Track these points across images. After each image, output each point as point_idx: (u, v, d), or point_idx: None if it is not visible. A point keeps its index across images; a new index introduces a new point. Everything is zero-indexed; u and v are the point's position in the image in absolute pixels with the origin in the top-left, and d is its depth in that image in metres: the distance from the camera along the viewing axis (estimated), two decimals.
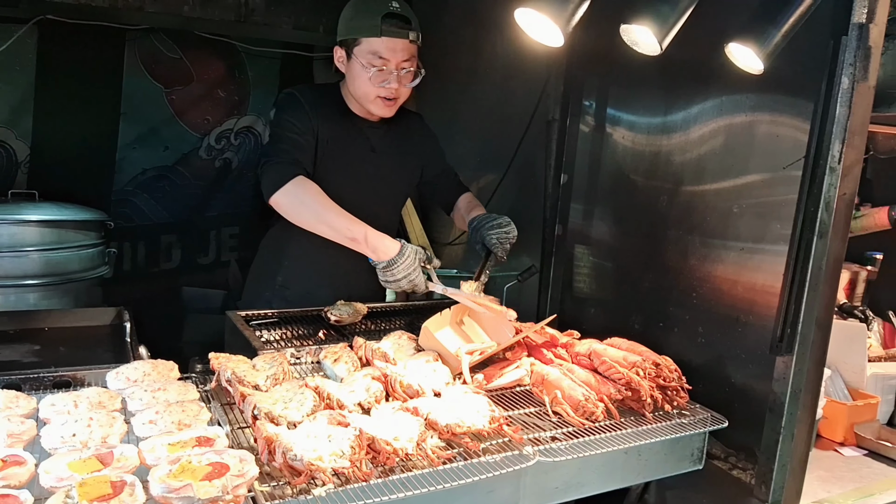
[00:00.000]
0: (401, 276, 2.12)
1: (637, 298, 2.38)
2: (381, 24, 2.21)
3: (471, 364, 1.95)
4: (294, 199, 2.20)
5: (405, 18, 2.25)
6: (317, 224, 2.20)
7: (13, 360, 2.08)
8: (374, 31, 2.22)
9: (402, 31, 2.24)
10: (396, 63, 2.28)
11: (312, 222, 2.21)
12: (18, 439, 1.46)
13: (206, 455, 1.37)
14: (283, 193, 2.18)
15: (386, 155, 2.52)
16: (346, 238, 2.17)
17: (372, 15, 2.22)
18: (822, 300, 1.78)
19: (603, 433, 1.71)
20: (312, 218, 2.20)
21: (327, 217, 2.18)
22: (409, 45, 2.28)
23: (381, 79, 2.29)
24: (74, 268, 3.37)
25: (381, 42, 2.23)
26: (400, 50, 2.26)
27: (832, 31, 1.65)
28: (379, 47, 2.24)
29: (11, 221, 3.19)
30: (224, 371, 1.78)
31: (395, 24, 2.22)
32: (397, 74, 2.29)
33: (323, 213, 2.18)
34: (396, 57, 2.27)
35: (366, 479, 1.42)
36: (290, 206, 2.21)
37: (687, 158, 2.18)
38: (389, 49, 2.25)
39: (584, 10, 1.66)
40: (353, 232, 2.15)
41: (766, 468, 1.85)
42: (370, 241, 2.14)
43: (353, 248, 2.18)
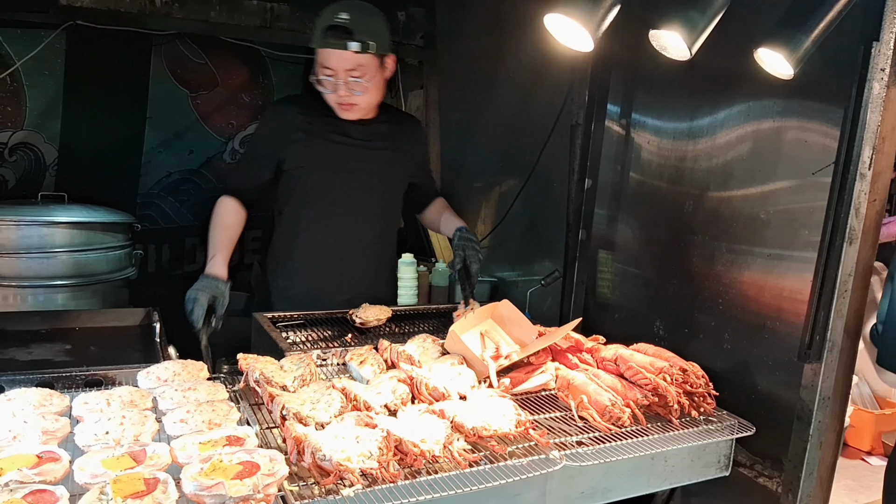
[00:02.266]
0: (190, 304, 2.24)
1: (661, 304, 2.37)
2: (322, 35, 2.27)
3: (497, 369, 1.95)
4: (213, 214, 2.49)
5: (347, 30, 2.26)
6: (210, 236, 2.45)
7: (45, 359, 2.11)
8: (319, 42, 2.29)
9: (342, 43, 2.26)
10: (342, 73, 2.32)
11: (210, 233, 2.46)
12: (53, 436, 1.49)
13: (237, 454, 1.39)
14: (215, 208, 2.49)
15: (374, 150, 2.56)
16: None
17: (320, 25, 2.29)
18: (851, 307, 1.77)
19: (629, 438, 1.71)
20: (210, 231, 2.46)
21: (210, 234, 2.44)
22: (354, 56, 2.30)
23: (329, 87, 2.36)
24: (102, 269, 3.41)
25: (324, 53, 2.30)
26: (342, 60, 2.30)
27: (862, 37, 1.64)
28: (323, 58, 2.31)
29: (41, 223, 3.24)
30: (252, 372, 1.80)
31: (336, 35, 2.26)
32: (344, 84, 2.34)
33: (210, 231, 2.44)
34: (340, 67, 2.31)
35: (393, 481, 1.43)
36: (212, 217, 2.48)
37: (713, 164, 2.17)
38: (330, 59, 2.30)
39: (614, 16, 1.66)
40: (208, 253, 2.39)
41: (793, 476, 1.84)
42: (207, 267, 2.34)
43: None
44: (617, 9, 1.66)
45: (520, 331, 2.19)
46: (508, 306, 2.24)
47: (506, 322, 2.22)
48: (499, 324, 2.23)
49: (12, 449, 1.40)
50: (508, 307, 2.24)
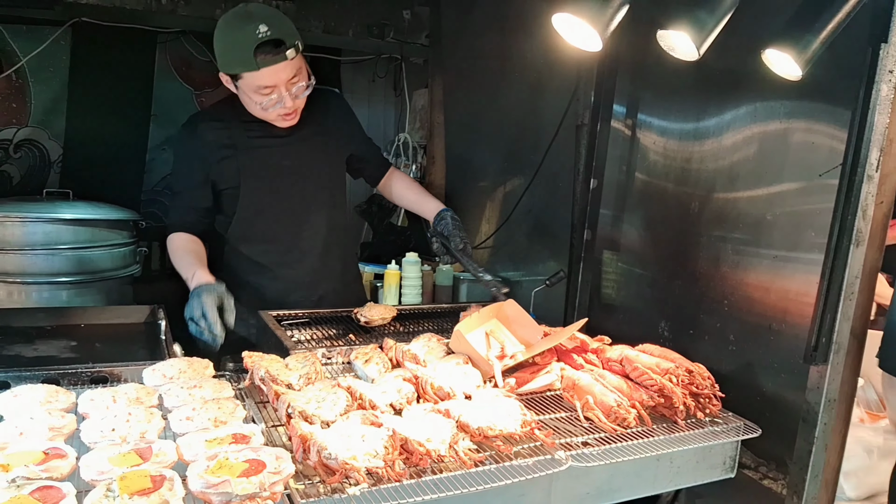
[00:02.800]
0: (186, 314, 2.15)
1: (666, 305, 2.37)
2: (254, 58, 2.11)
3: (503, 369, 1.95)
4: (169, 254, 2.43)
5: (276, 42, 2.13)
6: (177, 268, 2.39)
7: (51, 356, 2.12)
8: (251, 66, 2.13)
9: (278, 58, 2.14)
10: (284, 84, 2.22)
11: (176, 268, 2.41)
12: (59, 433, 1.49)
13: (243, 452, 1.39)
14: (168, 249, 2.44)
15: (304, 140, 2.47)
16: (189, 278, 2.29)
17: (243, 49, 2.12)
18: (857, 309, 1.76)
19: (635, 439, 1.70)
20: (175, 265, 2.40)
21: (177, 265, 2.38)
22: (291, 63, 2.18)
23: (273, 104, 2.25)
24: (107, 266, 3.42)
25: (261, 74, 2.16)
26: (281, 72, 2.18)
27: (871, 38, 1.64)
28: (259, 80, 2.18)
29: (46, 220, 3.24)
30: (258, 370, 1.80)
31: (269, 51, 2.12)
32: (289, 94, 2.25)
33: (175, 262, 2.39)
34: (281, 80, 2.20)
35: (398, 480, 1.43)
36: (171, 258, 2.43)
37: (719, 165, 2.17)
38: (272, 76, 2.18)
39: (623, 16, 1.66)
40: (186, 275, 2.30)
41: (798, 478, 1.83)
42: (196, 278, 2.23)
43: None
44: (626, 9, 1.66)
45: (525, 331, 2.19)
46: (514, 306, 2.24)
47: (511, 322, 2.22)
48: (504, 324, 2.23)
49: (19, 445, 1.40)
50: (514, 307, 2.24)
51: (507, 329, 2.22)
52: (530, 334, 2.17)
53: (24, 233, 3.22)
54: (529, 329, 2.19)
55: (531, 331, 2.18)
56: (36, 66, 3.90)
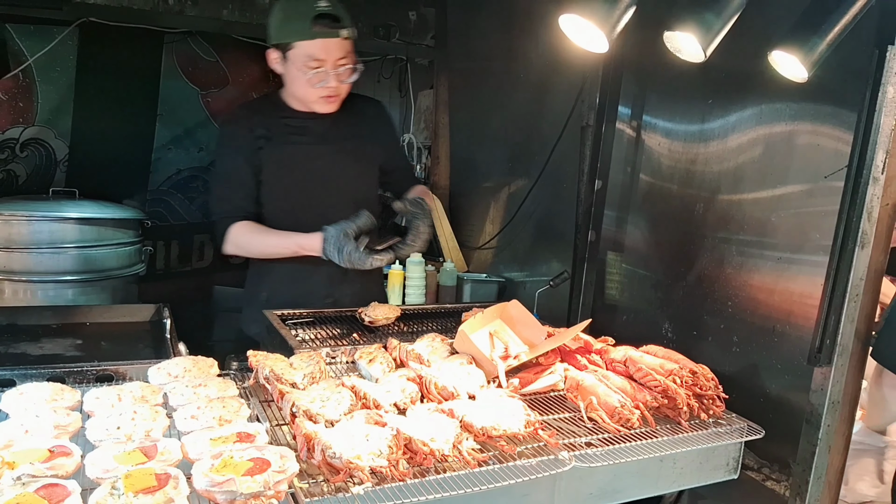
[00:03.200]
0: (335, 255, 2.23)
1: (670, 306, 2.37)
2: (311, 26, 2.19)
3: (506, 369, 1.96)
4: (239, 247, 2.43)
5: (335, 17, 2.22)
6: (264, 256, 2.46)
7: (56, 354, 2.13)
8: (306, 34, 2.20)
9: (334, 31, 2.21)
10: (332, 62, 2.27)
11: (260, 256, 2.47)
12: (64, 430, 1.49)
13: (248, 451, 1.39)
14: (230, 246, 2.43)
15: (337, 143, 2.49)
16: (289, 254, 2.36)
17: (302, 18, 2.20)
18: (862, 311, 1.76)
19: (638, 440, 1.70)
20: (258, 253, 2.47)
21: (264, 249, 2.42)
22: (343, 43, 2.26)
23: (319, 79, 2.28)
24: (112, 265, 3.43)
25: (315, 44, 2.22)
26: (334, 49, 2.24)
27: (877, 41, 1.64)
28: (313, 50, 2.23)
29: (52, 219, 3.26)
30: (262, 368, 1.80)
31: (327, 24, 2.20)
32: (335, 73, 2.29)
33: (259, 247, 2.43)
34: (332, 56, 2.25)
35: (402, 479, 1.43)
36: (239, 251, 2.46)
37: (724, 167, 2.17)
38: (324, 50, 2.23)
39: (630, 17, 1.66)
40: (287, 246, 2.35)
41: (801, 480, 1.83)
42: (303, 245, 2.30)
43: (301, 255, 2.34)
44: (633, 10, 1.66)
45: (529, 331, 2.19)
46: (518, 306, 2.24)
47: (515, 322, 2.22)
48: (508, 324, 2.24)
49: (24, 443, 1.40)
50: (517, 307, 2.24)
51: (510, 329, 2.22)
52: (534, 335, 2.17)
53: (30, 231, 3.24)
54: (533, 330, 2.19)
55: (535, 331, 2.18)
56: (43, 65, 3.91)
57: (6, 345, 2.18)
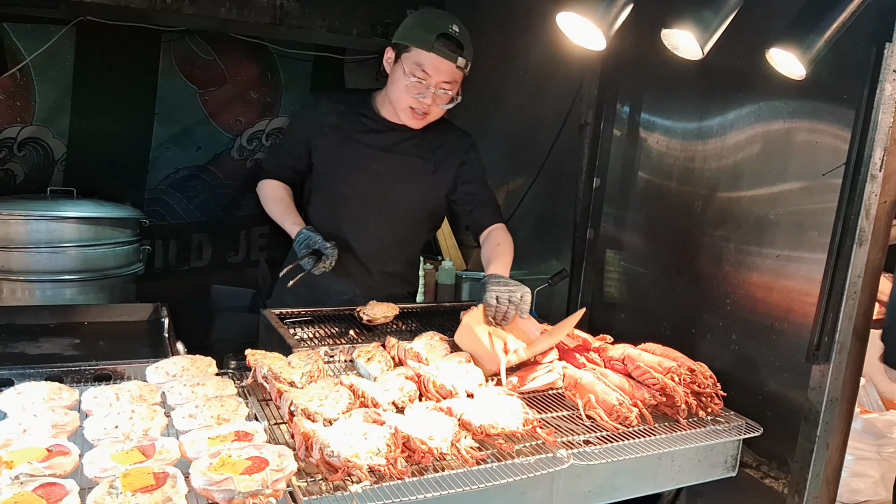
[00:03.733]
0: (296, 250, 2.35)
1: (669, 304, 2.37)
2: (434, 41, 2.27)
3: (508, 365, 1.96)
4: (260, 198, 2.63)
5: (459, 44, 2.30)
6: (270, 215, 2.58)
7: (54, 353, 2.12)
8: (427, 46, 2.28)
9: (453, 55, 2.29)
10: (437, 81, 2.32)
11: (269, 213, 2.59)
12: (62, 430, 1.49)
13: (246, 449, 1.39)
14: (258, 192, 2.65)
15: (400, 156, 2.50)
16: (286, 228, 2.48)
17: (430, 30, 2.29)
18: (860, 309, 1.76)
19: (636, 438, 1.71)
20: (268, 211, 2.59)
21: (271, 212, 2.57)
22: (455, 70, 2.32)
23: (417, 91, 2.33)
24: (110, 264, 3.42)
25: (429, 57, 2.29)
26: (444, 70, 2.31)
27: (875, 38, 1.64)
28: (425, 61, 2.30)
29: (50, 218, 3.25)
30: (260, 367, 1.80)
31: (448, 45, 2.28)
32: (434, 92, 2.34)
33: (271, 210, 2.57)
34: (439, 76, 2.31)
35: (400, 477, 1.43)
36: (261, 201, 2.63)
37: (723, 164, 2.17)
38: (434, 66, 2.30)
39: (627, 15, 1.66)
40: (285, 224, 2.48)
41: (799, 477, 1.84)
42: (289, 229, 2.44)
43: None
44: (630, 8, 1.66)
45: (525, 328, 2.19)
46: None
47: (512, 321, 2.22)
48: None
49: (22, 442, 1.40)
50: None
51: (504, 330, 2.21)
52: (531, 332, 2.17)
53: (27, 231, 3.23)
54: (530, 328, 2.18)
55: (532, 329, 2.18)
56: (40, 64, 3.90)
57: (4, 344, 2.18)
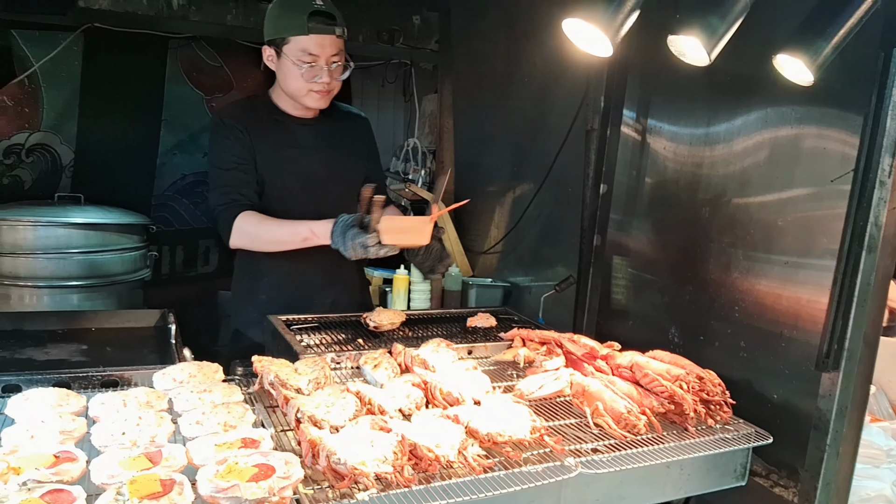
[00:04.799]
0: (340, 240, 2.18)
1: (676, 311, 2.36)
2: (307, 21, 2.27)
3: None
4: (245, 238, 2.39)
5: (330, 15, 2.32)
6: (272, 246, 2.40)
7: (62, 359, 2.13)
8: (302, 30, 2.28)
9: (329, 28, 2.30)
10: (326, 58, 2.34)
11: (268, 246, 2.41)
12: (70, 436, 1.49)
13: (253, 457, 1.39)
14: (235, 237, 2.38)
15: (328, 151, 2.54)
16: (299, 241, 2.31)
17: (298, 14, 2.29)
18: (870, 316, 1.74)
19: (645, 446, 1.69)
20: (266, 244, 2.41)
21: (275, 236, 2.37)
22: (336, 40, 2.35)
23: (313, 74, 2.36)
24: (117, 270, 3.44)
25: (310, 39, 2.30)
26: (328, 45, 2.33)
27: (883, 43, 1.63)
28: (308, 44, 2.31)
29: (57, 224, 3.27)
30: (267, 374, 1.80)
31: (322, 20, 2.29)
32: (328, 69, 2.36)
33: (270, 235, 2.38)
34: (325, 52, 2.33)
35: (407, 485, 1.42)
36: (245, 243, 2.41)
37: (730, 170, 2.16)
38: (318, 45, 2.31)
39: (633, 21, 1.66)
40: (300, 232, 2.30)
41: (809, 486, 1.82)
42: (316, 230, 2.26)
43: (311, 244, 2.29)
44: (636, 14, 1.66)
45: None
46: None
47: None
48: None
49: (30, 448, 1.40)
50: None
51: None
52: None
53: (35, 237, 3.25)
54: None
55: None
56: (48, 71, 3.93)
57: (12, 350, 2.19)
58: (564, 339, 2.19)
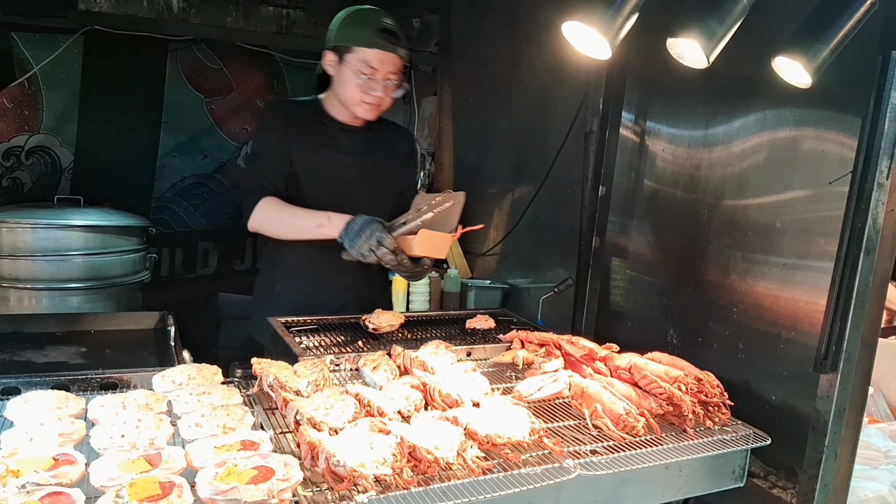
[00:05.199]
0: (356, 231, 2.24)
1: (675, 313, 2.36)
2: (375, 36, 2.37)
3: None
4: (263, 220, 2.44)
5: (397, 35, 2.42)
6: (289, 231, 2.45)
7: (61, 362, 2.14)
8: (368, 43, 2.37)
9: (393, 46, 2.40)
10: (384, 74, 2.42)
11: (285, 231, 2.46)
12: (69, 438, 1.50)
13: (252, 459, 1.40)
14: (255, 219, 2.43)
15: (368, 159, 2.58)
16: (314, 228, 2.35)
17: (367, 27, 2.39)
18: (868, 317, 1.75)
19: (643, 448, 1.70)
20: (283, 228, 2.45)
21: (293, 221, 2.41)
22: (397, 60, 2.43)
23: (368, 86, 2.42)
24: (116, 272, 3.44)
25: (373, 53, 2.38)
26: (389, 62, 2.41)
27: (881, 46, 1.63)
28: (370, 58, 2.39)
29: (57, 226, 3.27)
30: (266, 376, 1.80)
31: (388, 38, 2.39)
32: (383, 84, 2.43)
33: (289, 220, 2.42)
34: (385, 68, 2.41)
35: (406, 487, 1.43)
36: (263, 226, 2.46)
37: (728, 172, 2.17)
38: (379, 60, 2.39)
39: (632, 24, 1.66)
40: (317, 219, 2.35)
41: (808, 488, 1.82)
42: (333, 219, 2.31)
43: (324, 235, 2.32)
44: (635, 17, 1.66)
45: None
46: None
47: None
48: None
49: (29, 451, 1.41)
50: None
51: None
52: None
53: (35, 239, 3.25)
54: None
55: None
56: (48, 73, 3.94)
57: (11, 352, 2.19)
58: (563, 341, 2.19)
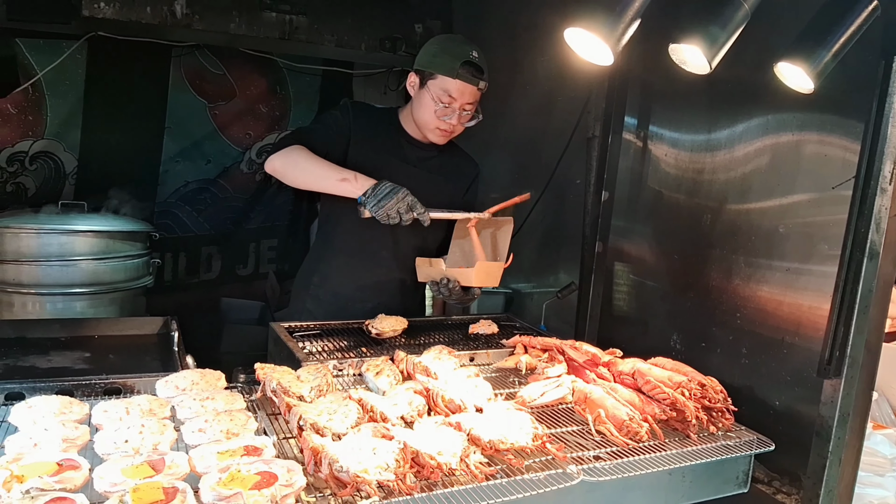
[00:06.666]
0: (388, 196, 2.26)
1: (678, 318, 2.36)
2: (459, 68, 2.41)
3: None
4: (283, 161, 2.41)
5: (480, 69, 2.45)
6: (306, 177, 2.43)
7: (65, 367, 2.14)
8: (451, 73, 2.42)
9: (475, 80, 2.44)
10: (461, 103, 2.47)
11: (302, 176, 2.43)
12: (73, 444, 1.50)
13: (255, 464, 1.39)
14: (278, 157, 2.41)
15: (426, 174, 2.61)
16: (336, 181, 2.34)
17: (454, 58, 2.43)
18: (871, 322, 1.75)
19: (647, 453, 1.69)
20: (301, 173, 2.42)
21: (315, 168, 2.38)
22: (476, 92, 2.48)
23: (444, 114, 2.48)
24: (120, 277, 3.45)
25: (455, 83, 2.43)
26: (468, 93, 2.46)
27: (883, 51, 1.64)
28: (451, 87, 2.44)
29: (61, 231, 3.28)
30: (269, 381, 1.80)
31: (471, 71, 2.43)
32: (459, 113, 2.48)
33: (310, 166, 2.39)
34: (463, 98, 2.46)
35: (409, 493, 1.42)
36: (278, 168, 2.42)
37: (731, 177, 2.17)
38: (459, 91, 2.44)
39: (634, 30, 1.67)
40: (342, 173, 2.35)
41: (812, 493, 1.82)
42: (360, 179, 2.32)
43: (343, 191, 2.33)
44: (637, 23, 1.67)
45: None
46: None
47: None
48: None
49: (33, 456, 1.41)
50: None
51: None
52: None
53: (39, 244, 3.26)
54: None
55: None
56: (52, 79, 3.95)
57: (15, 358, 2.19)
58: (566, 346, 2.19)
